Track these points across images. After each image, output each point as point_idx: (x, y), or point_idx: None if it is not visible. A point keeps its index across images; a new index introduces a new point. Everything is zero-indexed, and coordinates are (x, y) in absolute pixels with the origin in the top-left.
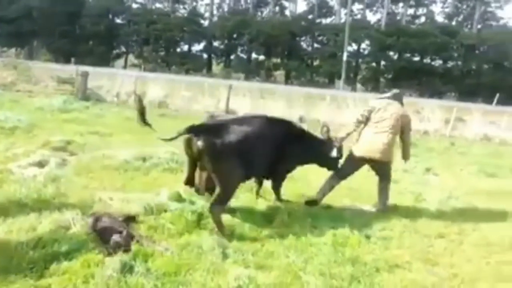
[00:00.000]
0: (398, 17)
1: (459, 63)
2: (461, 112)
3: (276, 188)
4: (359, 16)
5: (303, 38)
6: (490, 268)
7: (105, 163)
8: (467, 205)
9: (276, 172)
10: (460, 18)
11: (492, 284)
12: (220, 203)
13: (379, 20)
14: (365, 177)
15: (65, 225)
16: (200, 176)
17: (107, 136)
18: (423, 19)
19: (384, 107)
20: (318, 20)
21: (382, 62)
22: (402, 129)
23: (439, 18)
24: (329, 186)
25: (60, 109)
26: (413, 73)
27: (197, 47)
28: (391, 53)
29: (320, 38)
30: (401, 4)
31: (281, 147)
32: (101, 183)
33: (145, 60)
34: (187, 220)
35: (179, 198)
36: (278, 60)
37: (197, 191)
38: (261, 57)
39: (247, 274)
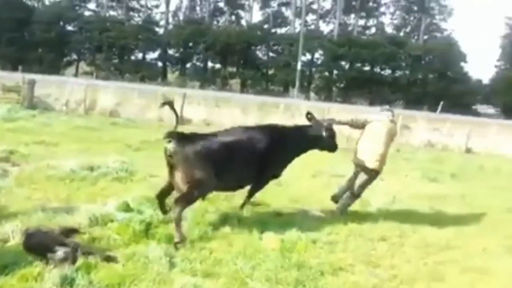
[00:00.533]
0: (350, 28)
1: (407, 72)
2: (407, 119)
3: (253, 193)
4: (312, 27)
5: (258, 48)
6: (427, 268)
7: (50, 174)
8: (409, 208)
9: (261, 177)
10: (408, 29)
11: (429, 283)
12: (183, 202)
13: (331, 31)
14: (314, 183)
15: (3, 238)
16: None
17: (53, 145)
18: (373, 30)
19: (378, 120)
20: (273, 30)
21: (335, 72)
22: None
23: (388, 29)
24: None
25: (4, 118)
26: (363, 82)
27: (152, 55)
28: (343, 63)
29: (275, 47)
30: (352, 16)
31: (267, 154)
32: (45, 194)
33: (98, 68)
34: (135, 230)
35: (127, 208)
36: (234, 69)
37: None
38: (217, 66)
39: (193, 282)
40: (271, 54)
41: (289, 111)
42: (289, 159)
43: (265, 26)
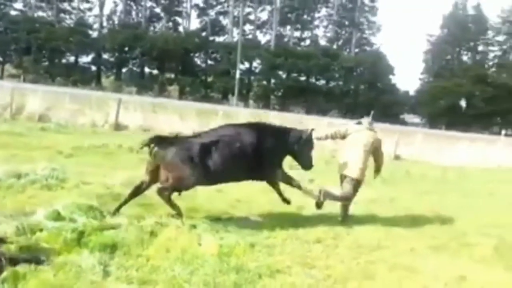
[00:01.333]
0: (286, 39)
1: (340, 83)
2: (341, 128)
3: (277, 189)
4: (250, 36)
5: (197, 55)
6: (359, 268)
7: None
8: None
9: (265, 174)
10: (340, 42)
11: (360, 282)
12: (166, 190)
13: (269, 41)
14: (253, 188)
15: None
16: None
17: None
18: (308, 42)
19: (357, 131)
20: (211, 38)
21: (272, 81)
22: (374, 150)
23: (322, 42)
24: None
25: None
26: (300, 92)
27: (85, 59)
28: (280, 72)
29: (213, 55)
30: (288, 27)
31: (256, 150)
32: None
33: (26, 70)
34: (66, 238)
35: (57, 217)
36: (172, 75)
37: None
38: (155, 72)
39: None
40: (209, 61)
41: (228, 118)
42: (278, 155)
43: (203, 33)
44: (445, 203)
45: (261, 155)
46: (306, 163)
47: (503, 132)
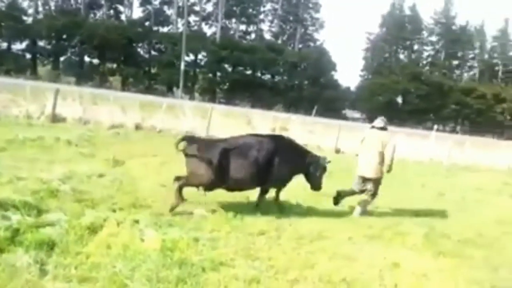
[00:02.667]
0: (232, 32)
1: (285, 78)
2: (285, 122)
3: (276, 194)
4: (195, 28)
5: (140, 45)
6: (300, 258)
7: None
8: (287, 204)
9: (277, 186)
10: (285, 37)
11: (301, 271)
12: (180, 180)
13: (214, 33)
14: None
15: None
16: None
17: None
18: (253, 35)
19: (369, 135)
20: (155, 28)
21: (218, 74)
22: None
23: (267, 36)
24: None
25: None
26: (246, 85)
27: (19, 46)
28: (226, 65)
29: (157, 46)
30: (234, 20)
31: (274, 163)
32: None
33: None
34: None
35: None
36: (114, 66)
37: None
38: (95, 61)
39: None
40: (153, 52)
41: (172, 111)
42: (294, 172)
43: (147, 23)
44: (382, 194)
45: (278, 168)
46: (316, 185)
47: (435, 127)
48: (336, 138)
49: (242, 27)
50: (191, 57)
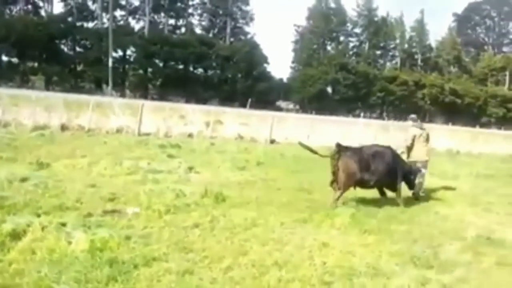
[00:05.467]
0: (161, 26)
1: (218, 71)
2: (219, 115)
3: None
4: (122, 22)
5: (63, 42)
6: (234, 246)
7: None
8: (220, 195)
9: (394, 187)
10: (215, 31)
11: (235, 259)
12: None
13: (142, 28)
14: (130, 180)
15: None
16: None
17: None
18: (183, 29)
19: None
20: (78, 24)
21: (149, 69)
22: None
23: (197, 30)
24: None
25: None
26: (178, 81)
27: None
28: (157, 60)
29: (82, 42)
30: (162, 14)
31: (394, 169)
32: None
33: None
34: None
35: None
36: (35, 64)
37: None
38: (14, 60)
39: None
40: (78, 49)
41: (101, 109)
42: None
43: (69, 19)
44: (313, 179)
45: (396, 174)
46: (412, 187)
47: (362, 114)
48: (269, 128)
49: (171, 21)
50: (120, 53)
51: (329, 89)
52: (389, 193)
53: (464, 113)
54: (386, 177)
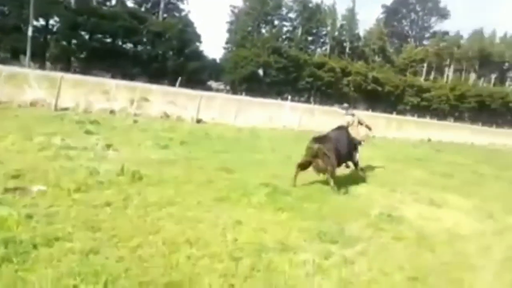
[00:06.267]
0: None
1: (148, 47)
2: (146, 92)
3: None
4: None
5: None
6: (146, 225)
7: None
8: (137, 174)
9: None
10: (148, 5)
11: (146, 237)
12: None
13: None
14: (40, 156)
15: None
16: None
17: None
18: (114, 1)
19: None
20: None
21: (73, 41)
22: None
23: (129, 3)
24: None
25: None
26: (105, 55)
27: None
28: (83, 32)
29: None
30: None
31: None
32: None
33: None
34: None
35: None
36: None
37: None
38: None
39: None
40: None
41: (14, 80)
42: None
43: None
44: (236, 159)
45: (353, 148)
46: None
47: (289, 98)
48: (197, 108)
49: None
50: (42, 22)
51: (261, 72)
52: (309, 174)
53: (384, 100)
54: (348, 154)
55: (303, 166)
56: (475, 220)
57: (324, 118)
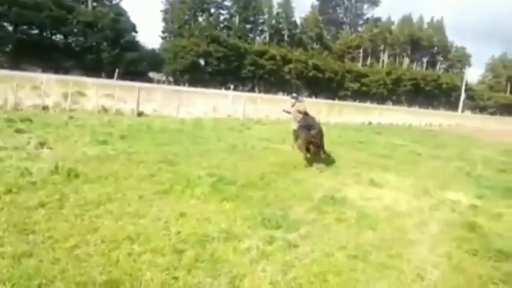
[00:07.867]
0: None
1: (80, 38)
2: (81, 86)
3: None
4: None
5: None
6: (84, 223)
7: None
8: (73, 171)
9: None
10: None
11: (84, 236)
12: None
13: None
14: None
15: None
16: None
17: None
18: None
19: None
20: None
21: None
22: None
23: None
24: None
25: None
26: (33, 48)
27: None
28: (6, 23)
29: None
30: None
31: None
32: None
33: None
34: None
35: None
36: None
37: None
38: None
39: None
40: None
41: None
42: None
43: None
44: (179, 151)
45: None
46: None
47: (232, 87)
48: (137, 101)
49: None
50: None
51: (202, 61)
52: (253, 162)
53: (325, 87)
54: (320, 139)
55: (308, 149)
56: (412, 197)
57: (266, 106)
